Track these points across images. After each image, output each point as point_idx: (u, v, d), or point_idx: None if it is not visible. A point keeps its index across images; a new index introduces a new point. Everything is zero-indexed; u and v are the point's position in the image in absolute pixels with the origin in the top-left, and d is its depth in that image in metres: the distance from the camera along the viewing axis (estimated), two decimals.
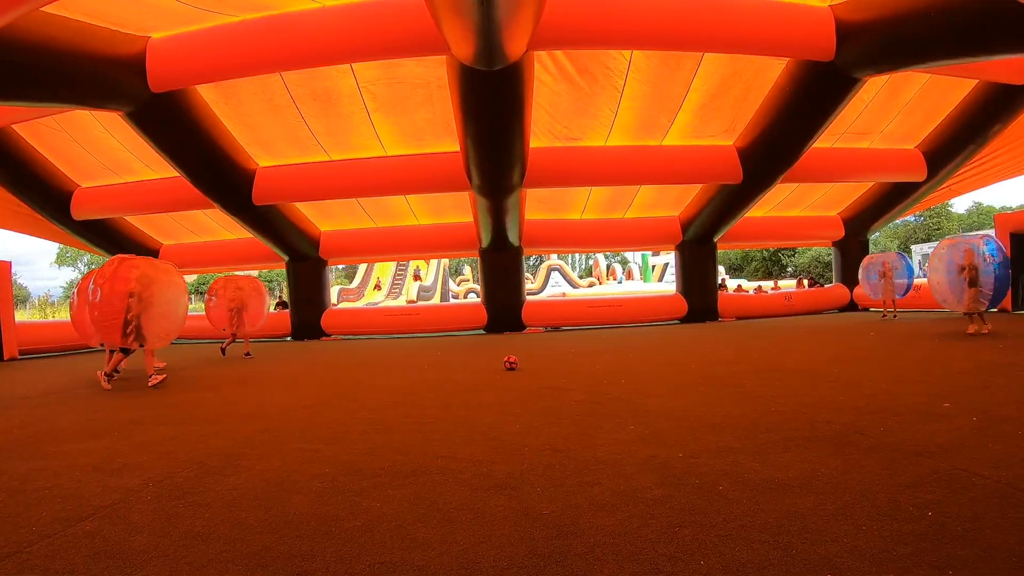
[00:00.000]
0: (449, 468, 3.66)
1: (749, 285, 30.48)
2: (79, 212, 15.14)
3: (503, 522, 2.79)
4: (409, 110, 12.04)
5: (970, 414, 4.35)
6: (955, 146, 14.67)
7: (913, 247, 45.24)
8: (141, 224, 17.25)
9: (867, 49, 10.03)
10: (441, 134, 12.73)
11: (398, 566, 2.39)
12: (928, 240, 48.58)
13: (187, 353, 14.10)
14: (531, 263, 49.18)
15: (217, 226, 17.18)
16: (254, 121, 12.31)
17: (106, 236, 16.51)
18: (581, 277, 44.37)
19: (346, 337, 17.09)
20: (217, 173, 12.94)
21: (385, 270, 37.15)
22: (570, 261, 50.03)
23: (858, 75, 10.62)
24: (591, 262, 49.72)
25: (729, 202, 15.10)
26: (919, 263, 41.45)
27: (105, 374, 8.06)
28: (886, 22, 9.56)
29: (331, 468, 3.74)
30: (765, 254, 55.79)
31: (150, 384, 7.82)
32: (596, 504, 2.96)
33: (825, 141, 13.61)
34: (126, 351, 8.08)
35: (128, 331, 7.75)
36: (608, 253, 53.37)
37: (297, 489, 3.35)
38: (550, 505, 2.97)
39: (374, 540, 2.64)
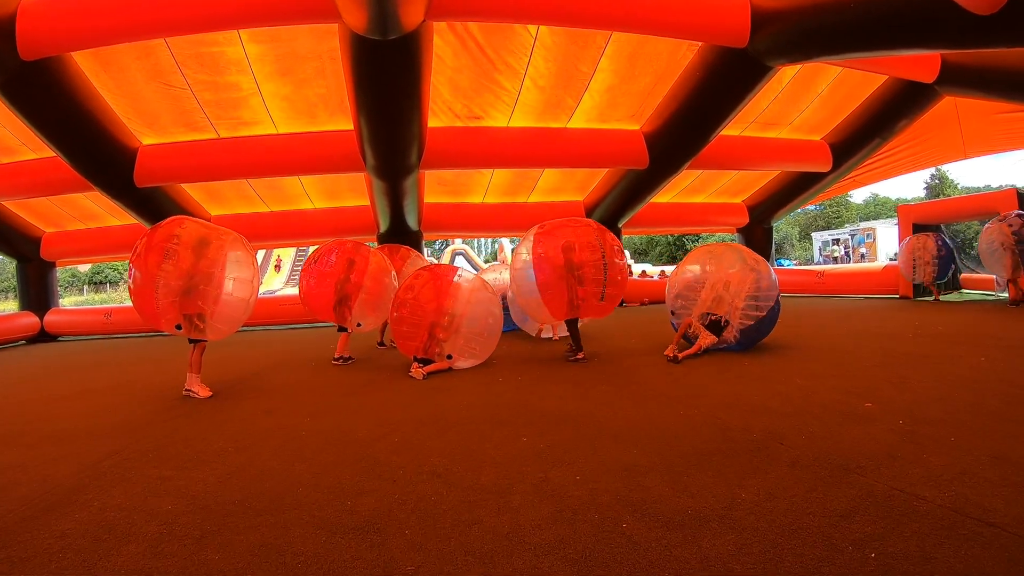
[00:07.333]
0: (308, 501, 3.10)
1: (654, 270, 30.64)
2: None
3: None
4: (301, 84, 11.14)
5: (895, 416, 4.07)
6: (861, 139, 14.95)
7: (814, 234, 46.98)
8: (19, 210, 15.50)
9: (781, 37, 9.86)
10: (335, 111, 11.88)
11: None
12: (828, 228, 50.55)
13: (78, 354, 12.91)
14: (436, 247, 48.71)
15: (102, 211, 15.63)
16: (136, 93, 10.99)
17: None
18: (487, 262, 43.75)
19: (240, 329, 16.01)
20: (95, 152, 11.57)
21: (286, 250, 36.13)
22: (476, 245, 49.64)
23: (771, 63, 10.49)
24: (496, 246, 49.18)
25: (634, 187, 14.91)
26: (818, 250, 43.10)
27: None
28: (802, 11, 9.39)
29: (176, 503, 3.16)
30: (670, 239, 56.85)
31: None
32: (472, 552, 2.46)
33: (733, 129, 13.58)
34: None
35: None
36: (514, 238, 53.42)
37: (131, 535, 2.79)
38: (418, 555, 2.43)
39: None
